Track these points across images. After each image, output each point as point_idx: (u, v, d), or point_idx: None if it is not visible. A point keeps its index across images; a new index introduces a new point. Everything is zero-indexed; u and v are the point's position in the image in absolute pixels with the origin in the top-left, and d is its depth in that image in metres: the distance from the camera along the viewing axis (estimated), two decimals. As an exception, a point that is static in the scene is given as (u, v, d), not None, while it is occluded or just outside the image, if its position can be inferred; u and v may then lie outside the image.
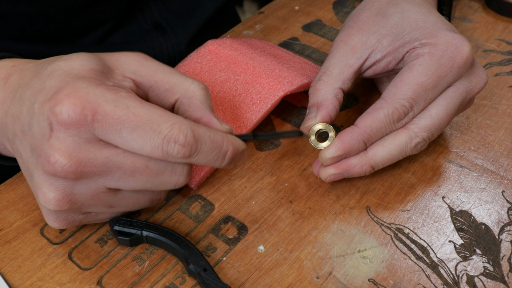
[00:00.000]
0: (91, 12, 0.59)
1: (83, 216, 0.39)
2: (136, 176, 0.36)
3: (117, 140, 0.34)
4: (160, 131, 0.33)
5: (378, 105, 0.42)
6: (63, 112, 0.33)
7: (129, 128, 0.33)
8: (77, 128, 0.33)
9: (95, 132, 0.34)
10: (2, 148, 0.41)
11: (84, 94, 0.33)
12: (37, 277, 0.39)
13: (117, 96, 0.34)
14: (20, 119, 0.36)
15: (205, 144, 0.35)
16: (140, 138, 0.33)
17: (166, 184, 0.37)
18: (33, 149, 0.35)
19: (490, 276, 0.40)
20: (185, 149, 0.34)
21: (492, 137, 0.50)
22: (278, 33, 0.64)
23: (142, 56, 0.39)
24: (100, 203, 0.37)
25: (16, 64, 0.40)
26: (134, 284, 0.39)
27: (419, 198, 0.45)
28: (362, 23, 0.47)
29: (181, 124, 0.34)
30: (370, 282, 0.39)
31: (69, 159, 0.33)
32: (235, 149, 0.37)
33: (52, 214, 0.38)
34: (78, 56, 0.36)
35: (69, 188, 0.35)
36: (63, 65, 0.36)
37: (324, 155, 0.42)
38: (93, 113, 0.33)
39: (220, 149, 0.36)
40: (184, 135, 0.34)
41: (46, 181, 0.35)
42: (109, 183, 0.36)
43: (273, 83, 0.49)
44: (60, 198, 0.35)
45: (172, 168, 0.36)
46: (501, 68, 0.58)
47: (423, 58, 0.42)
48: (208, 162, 0.36)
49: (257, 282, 0.39)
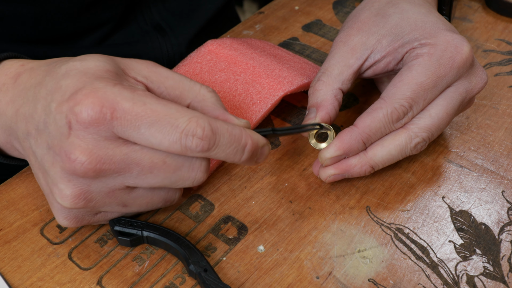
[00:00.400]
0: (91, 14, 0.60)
1: (93, 215, 0.39)
2: (154, 173, 0.36)
3: (136, 136, 0.34)
4: (178, 125, 0.34)
5: (377, 105, 0.42)
6: (83, 111, 0.33)
7: (147, 123, 0.34)
8: (96, 126, 0.34)
9: (114, 130, 0.34)
10: (8, 147, 0.42)
11: (102, 94, 0.34)
12: (37, 277, 0.39)
13: (134, 94, 0.34)
14: (34, 118, 0.36)
15: (223, 137, 0.35)
16: (158, 133, 0.34)
17: (184, 180, 0.37)
18: (50, 147, 0.35)
19: (490, 276, 0.40)
20: (203, 142, 0.34)
21: (492, 137, 0.50)
22: (278, 33, 0.64)
23: (152, 63, 0.40)
24: (115, 201, 0.38)
25: (25, 63, 0.41)
26: (134, 284, 0.39)
27: (419, 198, 0.45)
28: (361, 24, 0.47)
29: (198, 118, 0.34)
30: (370, 282, 0.39)
31: (88, 157, 0.34)
32: (254, 142, 0.37)
33: (64, 212, 0.38)
34: (93, 57, 0.37)
35: (87, 186, 0.36)
36: (79, 65, 0.36)
37: (324, 155, 0.42)
38: (111, 111, 0.33)
39: (239, 142, 0.36)
40: (202, 128, 0.34)
41: (64, 178, 0.35)
42: (127, 180, 0.36)
43: (273, 83, 0.49)
44: (77, 195, 0.36)
45: (190, 164, 0.37)
46: (501, 68, 0.58)
47: (423, 58, 0.42)
48: (228, 156, 0.36)
49: (257, 282, 0.39)
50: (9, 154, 0.43)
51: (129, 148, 0.35)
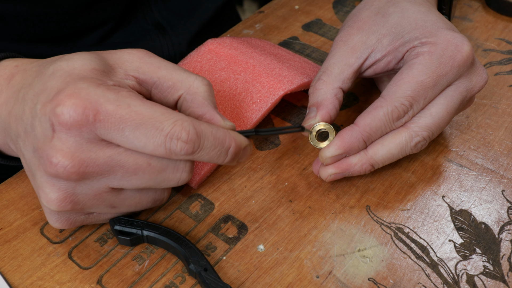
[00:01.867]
0: (92, 13, 0.60)
1: (85, 216, 0.39)
2: (139, 174, 0.36)
3: (120, 139, 0.34)
4: (162, 128, 0.34)
5: (377, 103, 0.42)
6: (64, 113, 0.33)
7: (131, 126, 0.33)
8: (79, 128, 0.33)
9: (97, 132, 0.34)
10: (6, 148, 0.42)
11: (85, 95, 0.33)
12: (37, 276, 0.39)
13: (119, 96, 0.34)
14: (23, 120, 0.36)
15: (207, 140, 0.35)
16: (142, 136, 0.33)
17: (169, 181, 0.37)
18: (35, 150, 0.35)
19: (490, 275, 0.40)
20: (188, 146, 0.34)
21: (492, 136, 0.50)
22: (278, 32, 0.64)
23: (144, 52, 0.39)
24: (102, 203, 0.37)
25: (19, 64, 0.40)
26: (134, 283, 0.39)
27: (419, 197, 0.45)
28: (362, 23, 0.47)
29: (183, 121, 0.34)
30: (370, 281, 0.39)
31: (71, 160, 0.33)
32: (237, 145, 0.37)
33: (54, 215, 0.38)
34: (80, 55, 0.36)
35: (71, 189, 0.35)
36: (65, 65, 0.36)
37: (324, 154, 0.42)
38: (94, 113, 0.33)
39: (223, 145, 0.36)
40: (187, 131, 0.34)
41: (48, 181, 0.35)
42: (112, 182, 0.36)
43: (273, 82, 0.49)
44: (62, 198, 0.35)
45: (175, 165, 0.36)
46: (501, 67, 0.58)
47: (423, 57, 0.42)
48: (211, 158, 0.36)
49: (257, 282, 0.39)
50: (8, 154, 0.43)
51: (112, 151, 0.35)
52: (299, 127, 0.43)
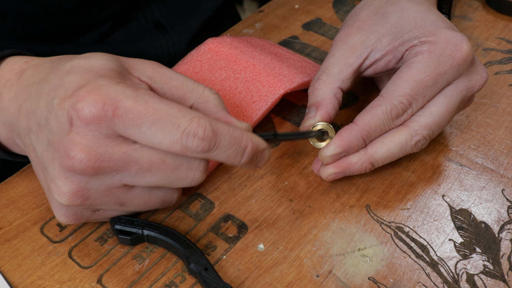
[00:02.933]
0: (92, 11, 0.60)
1: (91, 212, 0.39)
2: (153, 171, 0.36)
3: (137, 135, 0.34)
4: (179, 124, 0.34)
5: (376, 102, 0.42)
6: (84, 108, 0.33)
7: (149, 122, 0.34)
8: (97, 123, 0.34)
9: (115, 128, 0.34)
10: (11, 143, 0.42)
11: (105, 91, 0.34)
12: (37, 276, 0.40)
13: (137, 93, 0.34)
14: (36, 114, 0.36)
15: (224, 138, 0.35)
16: (159, 132, 0.34)
17: (183, 180, 0.37)
18: (50, 143, 0.35)
19: (490, 274, 0.40)
20: (204, 143, 0.34)
21: (492, 136, 0.50)
22: (278, 32, 0.64)
23: (156, 64, 0.40)
24: (112, 199, 0.38)
25: (29, 60, 0.41)
26: (134, 282, 0.39)
27: (419, 197, 0.45)
28: (361, 22, 0.47)
29: (200, 118, 0.34)
30: (370, 281, 0.39)
31: (87, 154, 0.34)
32: (254, 145, 0.37)
33: (62, 208, 0.38)
34: (98, 55, 0.37)
35: (84, 183, 0.36)
36: (83, 62, 0.36)
37: (324, 153, 0.42)
38: (113, 108, 0.33)
39: (239, 144, 0.36)
40: (203, 128, 0.34)
41: (62, 174, 0.35)
42: (125, 179, 0.36)
43: (273, 81, 0.49)
44: (74, 192, 0.36)
45: (189, 164, 0.37)
46: (501, 66, 0.58)
47: (422, 56, 0.42)
48: (228, 158, 0.36)
49: (257, 281, 0.39)
50: (11, 150, 0.43)
51: (128, 147, 0.35)
52: (320, 131, 0.44)
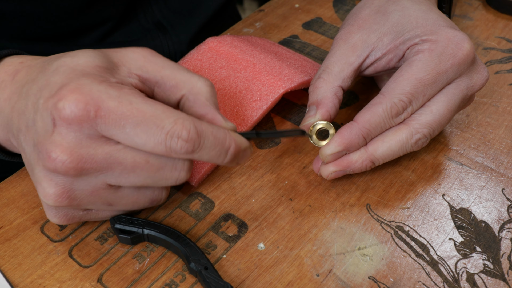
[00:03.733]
0: (93, 12, 0.60)
1: (84, 213, 0.39)
2: (137, 172, 0.36)
3: (120, 136, 0.34)
4: (163, 126, 0.34)
5: (376, 100, 0.42)
6: (66, 107, 0.33)
7: (132, 123, 0.33)
8: (79, 124, 0.33)
9: (98, 128, 0.34)
10: (8, 144, 0.42)
11: (87, 90, 0.33)
12: (38, 275, 0.40)
13: (121, 93, 0.34)
14: (25, 114, 0.36)
15: (207, 140, 0.35)
16: (143, 134, 0.34)
17: (167, 180, 0.37)
18: (35, 144, 0.35)
19: (490, 273, 0.40)
20: (188, 145, 0.34)
21: (492, 135, 0.50)
22: (278, 31, 0.64)
23: (149, 51, 0.39)
24: (99, 200, 0.37)
25: (24, 61, 0.41)
26: (134, 281, 0.39)
27: (419, 196, 0.45)
28: (362, 21, 0.47)
29: (184, 119, 0.34)
30: (370, 280, 0.39)
31: (69, 155, 0.34)
32: (237, 145, 0.37)
33: (52, 210, 0.38)
34: (84, 52, 0.37)
35: (69, 184, 0.35)
36: (69, 61, 0.36)
37: (324, 152, 0.42)
38: (96, 109, 0.33)
39: (223, 145, 0.36)
40: (187, 130, 0.34)
41: (46, 176, 0.35)
42: (109, 179, 0.36)
43: (273, 80, 0.49)
44: (59, 194, 0.35)
45: (173, 164, 0.37)
46: (502, 66, 0.58)
47: (423, 54, 0.42)
48: (211, 158, 0.36)
49: (257, 280, 0.39)
50: (10, 150, 0.43)
51: (111, 147, 0.35)
52: (300, 131, 0.43)
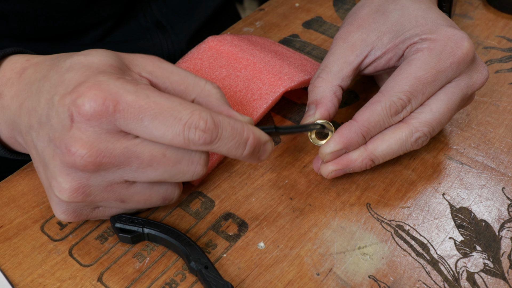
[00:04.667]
0: (92, 11, 0.60)
1: (91, 210, 0.39)
2: (154, 166, 0.36)
3: (139, 129, 0.34)
4: (181, 117, 0.34)
5: (375, 98, 0.42)
6: (85, 104, 0.33)
7: (150, 116, 0.34)
8: (98, 119, 0.34)
9: (117, 123, 0.34)
10: (13, 141, 0.42)
11: (105, 87, 0.34)
12: (38, 274, 0.40)
13: (137, 88, 0.35)
14: (37, 111, 0.36)
15: (225, 130, 0.35)
16: (161, 126, 0.34)
17: (184, 174, 0.37)
18: (51, 140, 0.35)
19: (490, 272, 0.40)
20: (206, 135, 0.34)
21: (493, 134, 0.50)
22: (278, 30, 0.64)
23: (157, 58, 0.40)
24: (113, 196, 0.38)
25: (30, 59, 0.41)
26: (135, 280, 0.39)
27: (419, 195, 0.45)
28: (361, 20, 0.47)
29: (200, 111, 0.34)
30: (370, 279, 0.39)
31: (89, 150, 0.34)
32: (256, 137, 0.37)
33: (62, 205, 0.38)
34: (98, 52, 0.37)
35: (85, 180, 0.36)
36: (83, 59, 0.36)
37: (324, 151, 0.42)
38: (114, 103, 0.34)
39: (241, 136, 0.36)
40: (204, 120, 0.34)
41: (63, 171, 0.35)
42: (126, 174, 0.36)
43: (273, 79, 0.49)
44: (75, 189, 0.36)
45: (190, 157, 0.37)
46: (502, 65, 0.58)
47: (422, 53, 0.42)
48: (229, 150, 0.36)
49: (257, 279, 0.39)
50: (13, 148, 0.43)
51: (129, 142, 0.35)
52: (320, 124, 0.43)
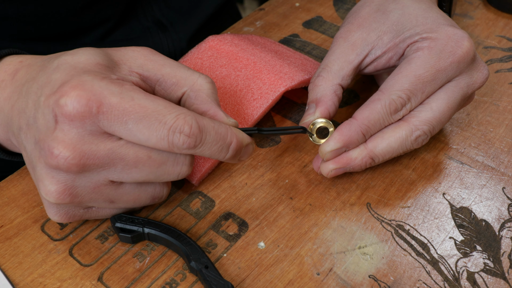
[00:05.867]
0: (93, 11, 0.60)
1: (84, 210, 0.39)
2: (139, 167, 0.36)
3: (123, 132, 0.34)
4: (165, 122, 0.34)
5: (375, 97, 0.42)
6: (68, 104, 0.33)
7: (135, 119, 0.34)
8: (81, 120, 0.33)
9: (100, 124, 0.34)
10: (9, 143, 0.42)
11: (89, 87, 0.34)
12: (38, 274, 0.40)
13: (122, 89, 0.34)
14: (26, 112, 0.36)
15: (209, 135, 0.35)
16: (146, 129, 0.34)
17: (169, 174, 0.37)
18: (37, 142, 0.35)
19: (490, 272, 0.40)
20: (190, 140, 0.34)
21: (493, 134, 0.50)
22: (279, 30, 0.64)
23: (148, 50, 0.40)
24: (101, 197, 0.37)
25: (23, 60, 0.41)
26: (135, 280, 0.39)
27: (420, 195, 0.45)
28: (362, 20, 0.47)
29: (185, 115, 0.34)
30: (371, 279, 0.39)
31: (72, 152, 0.34)
32: (239, 141, 0.37)
33: (53, 207, 0.38)
34: (84, 50, 0.37)
35: (71, 181, 0.35)
36: (69, 59, 0.36)
37: (324, 149, 0.42)
38: (98, 105, 0.33)
39: (224, 141, 0.36)
40: (189, 125, 0.34)
41: (48, 173, 0.35)
42: (111, 175, 0.36)
43: (274, 78, 0.49)
44: (61, 191, 0.35)
45: (175, 159, 0.37)
46: (502, 64, 0.58)
47: (422, 52, 0.42)
48: (213, 153, 0.36)
49: (257, 279, 0.39)
50: (10, 150, 0.43)
51: (113, 143, 0.35)
52: (301, 128, 0.43)
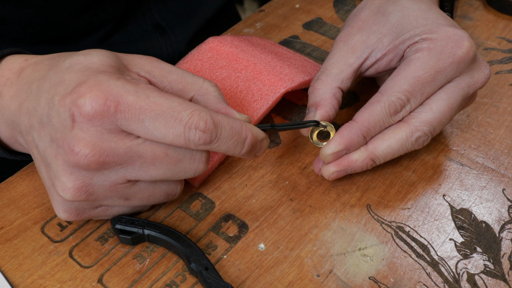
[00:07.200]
0: (92, 14, 0.60)
1: (93, 209, 0.40)
2: (156, 165, 0.36)
3: (140, 130, 0.35)
4: (181, 118, 0.34)
5: (375, 98, 0.42)
6: (86, 104, 0.34)
7: (151, 117, 0.34)
8: (100, 119, 0.34)
9: (118, 123, 0.34)
10: (13, 141, 0.42)
11: (106, 87, 0.34)
12: (38, 275, 0.40)
13: (138, 88, 0.35)
14: (37, 111, 0.37)
15: (224, 130, 0.36)
16: (162, 127, 0.34)
17: (186, 172, 0.38)
18: (53, 140, 0.35)
19: (490, 274, 0.40)
20: (206, 135, 0.35)
21: (493, 135, 0.50)
22: (279, 31, 0.64)
23: (154, 59, 0.40)
24: (116, 194, 0.38)
25: (28, 58, 0.41)
26: (135, 282, 0.39)
27: (420, 196, 0.45)
28: (362, 22, 0.47)
29: (200, 111, 0.35)
30: (371, 280, 0.39)
31: (92, 149, 0.34)
32: (254, 135, 0.38)
33: (65, 204, 0.38)
34: (97, 52, 0.37)
35: (89, 179, 0.36)
36: (82, 59, 0.37)
37: (325, 152, 0.42)
38: (115, 104, 0.34)
39: (240, 135, 0.37)
40: (204, 121, 0.35)
41: (66, 170, 0.35)
42: (129, 173, 0.37)
43: (274, 80, 0.49)
44: (78, 188, 0.36)
45: (191, 155, 0.37)
46: (502, 66, 0.58)
47: (422, 53, 0.42)
48: (228, 149, 0.37)
49: (257, 280, 0.39)
50: (13, 149, 0.43)
51: (132, 141, 0.35)
52: (315, 122, 0.44)
